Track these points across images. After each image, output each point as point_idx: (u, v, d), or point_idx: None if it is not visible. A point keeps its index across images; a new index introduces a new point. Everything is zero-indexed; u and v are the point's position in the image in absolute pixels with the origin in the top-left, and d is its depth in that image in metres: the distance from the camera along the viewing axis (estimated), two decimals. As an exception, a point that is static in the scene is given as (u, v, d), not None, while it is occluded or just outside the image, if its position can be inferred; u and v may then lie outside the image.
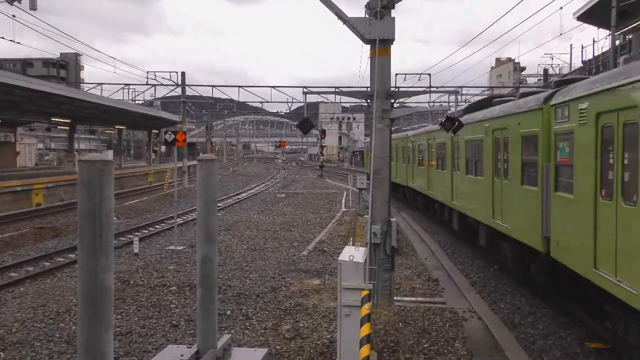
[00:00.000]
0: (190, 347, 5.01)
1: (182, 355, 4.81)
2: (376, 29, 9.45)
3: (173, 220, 19.32)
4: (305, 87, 36.41)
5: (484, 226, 13.42)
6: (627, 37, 33.80)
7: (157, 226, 21.23)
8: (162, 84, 38.44)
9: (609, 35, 28.96)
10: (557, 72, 52.83)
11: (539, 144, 10.00)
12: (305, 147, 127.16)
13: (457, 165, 16.10)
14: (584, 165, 8.11)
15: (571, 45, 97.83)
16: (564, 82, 10.43)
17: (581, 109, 8.37)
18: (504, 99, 14.00)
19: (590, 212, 7.83)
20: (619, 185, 7.08)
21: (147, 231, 19.95)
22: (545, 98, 10.09)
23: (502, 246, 12.52)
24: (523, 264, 11.52)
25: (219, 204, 26.78)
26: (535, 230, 10.05)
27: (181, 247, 16.34)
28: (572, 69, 46.81)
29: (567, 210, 8.77)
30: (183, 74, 39.19)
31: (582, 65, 43.92)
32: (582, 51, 46.46)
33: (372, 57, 9.76)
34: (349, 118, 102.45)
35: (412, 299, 10.61)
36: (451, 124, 10.64)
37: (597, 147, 7.70)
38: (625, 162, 6.92)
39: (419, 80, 34.17)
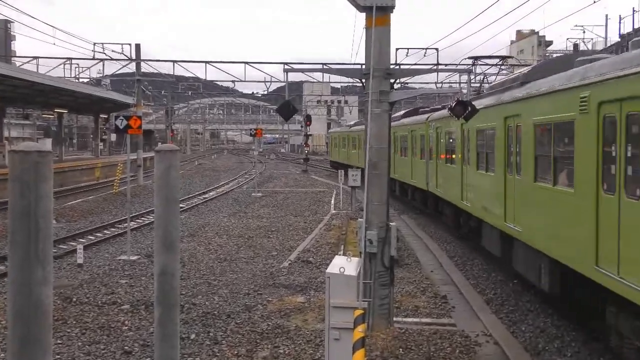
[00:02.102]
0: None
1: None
2: (373, -7, 9.52)
3: (125, 224, 19.23)
4: (286, 64, 36.20)
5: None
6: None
7: (105, 231, 21.18)
8: (112, 59, 38.31)
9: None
10: (590, 47, 53.24)
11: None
12: (286, 136, 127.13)
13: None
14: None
15: (607, 15, 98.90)
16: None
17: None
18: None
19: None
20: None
21: (93, 237, 19.89)
22: None
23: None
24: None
25: (181, 205, 26.63)
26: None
27: (135, 257, 16.33)
28: (608, 44, 47.20)
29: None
30: (137, 46, 39.12)
31: (619, 39, 44.33)
32: (619, 23, 46.81)
33: (367, 27, 9.79)
34: (339, 101, 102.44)
35: (416, 319, 10.68)
36: (463, 109, 10.72)
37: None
38: None
39: (425, 56, 34.14)
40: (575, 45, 48.27)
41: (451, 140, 19.12)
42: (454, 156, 18.56)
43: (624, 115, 7.89)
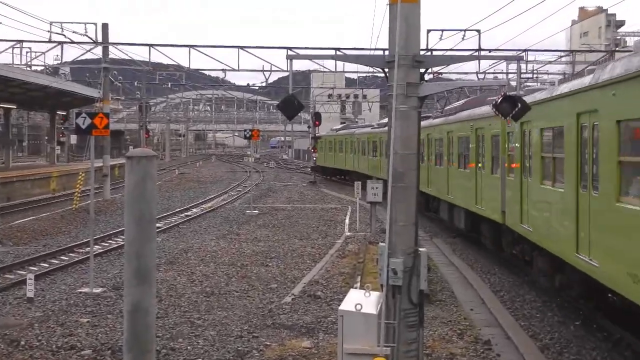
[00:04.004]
0: None
1: None
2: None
3: (87, 249, 19.19)
4: (290, 49, 35.81)
5: None
6: None
7: (63, 257, 21.14)
8: (72, 42, 38.46)
9: None
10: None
11: None
12: (289, 138, 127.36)
13: None
14: None
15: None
16: None
17: None
18: None
19: None
20: None
21: (47, 265, 19.88)
22: None
23: None
24: None
25: (158, 224, 26.67)
26: None
27: (100, 290, 16.30)
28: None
29: None
30: (105, 26, 39.23)
31: None
32: None
33: (392, 2, 9.77)
34: (356, 96, 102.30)
35: (451, 370, 10.61)
36: (511, 106, 10.74)
37: None
38: None
39: (463, 39, 34.01)
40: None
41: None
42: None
43: None
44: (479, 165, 21.61)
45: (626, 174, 10.56)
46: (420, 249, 9.92)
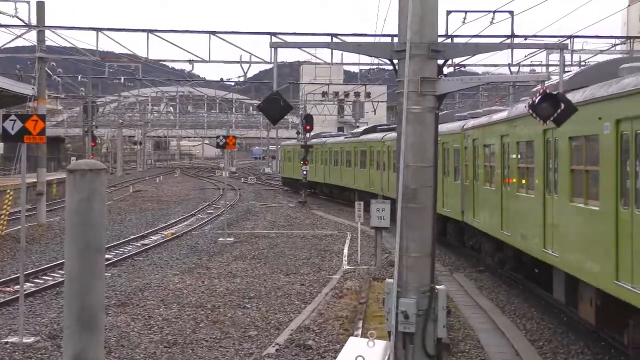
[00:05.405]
0: None
1: None
2: None
3: (16, 287, 19.10)
4: (274, 34, 36.33)
5: None
6: None
7: (-15, 298, 20.98)
8: (-1, 25, 38.36)
9: None
10: None
11: None
12: (273, 147, 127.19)
13: None
14: None
15: None
16: None
17: None
18: None
19: None
20: None
21: (-35, 307, 19.74)
22: None
23: None
24: None
25: (108, 255, 26.39)
26: None
27: (32, 339, 16.16)
28: None
29: None
30: (40, 5, 39.16)
31: None
32: None
33: (403, -23, 9.89)
34: (357, 94, 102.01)
35: None
36: (552, 107, 10.78)
37: None
38: None
39: (491, 23, 33.68)
40: None
41: None
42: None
43: None
44: (445, 173, 29.71)
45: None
46: (438, 287, 9.94)
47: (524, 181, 20.04)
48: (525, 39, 34.43)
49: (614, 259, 13.13)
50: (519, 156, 20.42)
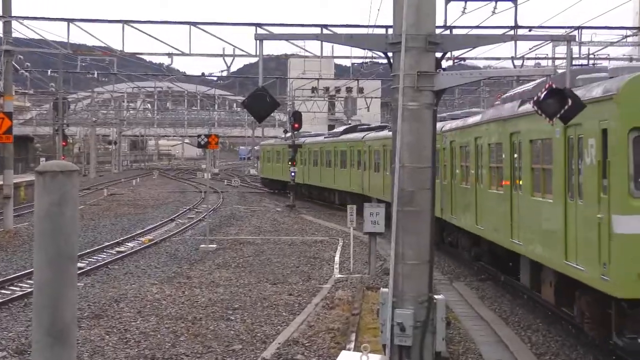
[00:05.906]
0: None
1: None
2: None
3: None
4: (259, 25, 36.14)
5: None
6: None
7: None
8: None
9: None
10: None
11: None
12: (258, 147, 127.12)
13: None
14: None
15: None
16: None
17: None
18: None
19: None
20: None
21: None
22: None
23: None
24: None
25: (80, 264, 26.71)
26: None
27: (-1, 355, 16.08)
28: None
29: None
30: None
31: None
32: None
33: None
34: (349, 89, 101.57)
35: None
36: (559, 103, 10.90)
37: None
38: None
39: (493, 13, 32.98)
40: None
41: None
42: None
43: None
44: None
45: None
46: (436, 296, 10.29)
47: (495, 179, 23.33)
48: (529, 30, 34.43)
49: (564, 242, 16.25)
50: (490, 157, 23.68)
